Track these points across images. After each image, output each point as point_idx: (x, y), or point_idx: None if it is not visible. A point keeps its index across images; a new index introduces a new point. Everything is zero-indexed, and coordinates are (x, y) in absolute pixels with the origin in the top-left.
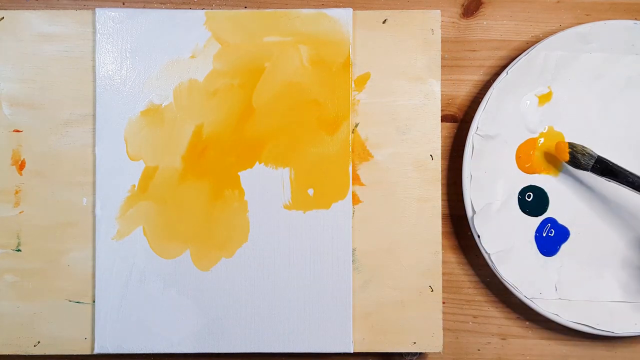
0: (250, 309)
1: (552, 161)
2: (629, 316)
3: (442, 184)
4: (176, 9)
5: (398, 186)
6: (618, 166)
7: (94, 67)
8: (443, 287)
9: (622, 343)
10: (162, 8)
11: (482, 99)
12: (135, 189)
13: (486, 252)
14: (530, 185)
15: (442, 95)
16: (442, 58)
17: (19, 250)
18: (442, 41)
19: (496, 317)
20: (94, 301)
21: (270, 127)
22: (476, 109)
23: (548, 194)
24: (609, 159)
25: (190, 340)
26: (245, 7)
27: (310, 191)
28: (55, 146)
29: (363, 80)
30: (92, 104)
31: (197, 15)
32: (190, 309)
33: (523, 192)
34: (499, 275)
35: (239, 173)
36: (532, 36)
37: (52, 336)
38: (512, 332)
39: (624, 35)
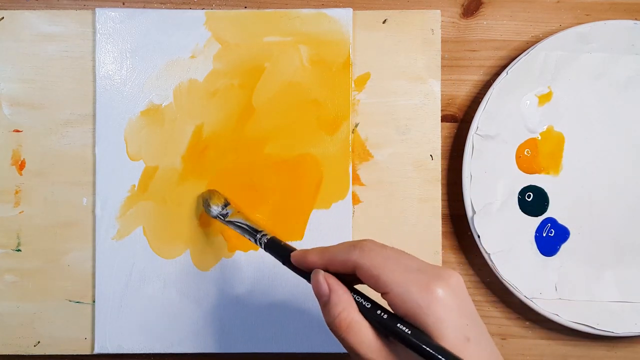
0: (250, 309)
1: (552, 161)
2: (629, 316)
3: (442, 184)
4: (176, 9)
5: (398, 186)
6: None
7: (94, 67)
8: None
9: (622, 343)
10: (162, 8)
11: (482, 99)
12: (135, 189)
13: (486, 252)
14: (530, 185)
15: (442, 95)
16: (442, 58)
17: (19, 250)
18: (442, 41)
19: (496, 317)
20: (94, 301)
21: (270, 127)
22: (476, 109)
23: (548, 194)
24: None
25: (190, 340)
26: (245, 7)
27: None
28: (55, 146)
29: (363, 80)
30: (92, 104)
31: (197, 15)
32: (190, 309)
33: (523, 192)
34: (499, 275)
35: None
36: (532, 36)
37: (52, 336)
38: (512, 332)
39: (624, 35)
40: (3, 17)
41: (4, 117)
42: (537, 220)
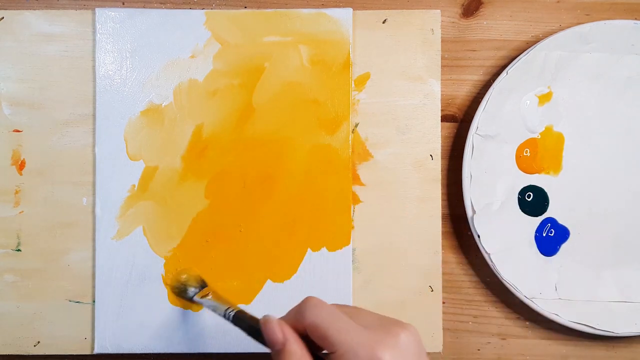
0: (250, 309)
1: (552, 161)
2: (629, 316)
3: (442, 184)
4: (176, 9)
5: (398, 186)
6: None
7: (94, 67)
8: (443, 287)
9: (622, 343)
10: (162, 8)
11: (482, 99)
12: (135, 189)
13: (486, 252)
14: (530, 185)
15: (442, 95)
16: (442, 58)
17: (19, 250)
18: (442, 41)
19: (496, 317)
20: (94, 301)
21: (270, 127)
22: (476, 109)
23: (548, 194)
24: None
25: (190, 340)
26: (245, 7)
27: None
28: (55, 146)
29: (363, 80)
30: (92, 104)
31: (197, 15)
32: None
33: (523, 192)
34: (499, 275)
35: None
36: (532, 36)
37: (52, 336)
38: (512, 332)
39: (624, 35)
40: (3, 17)
41: (4, 117)
42: (537, 220)
